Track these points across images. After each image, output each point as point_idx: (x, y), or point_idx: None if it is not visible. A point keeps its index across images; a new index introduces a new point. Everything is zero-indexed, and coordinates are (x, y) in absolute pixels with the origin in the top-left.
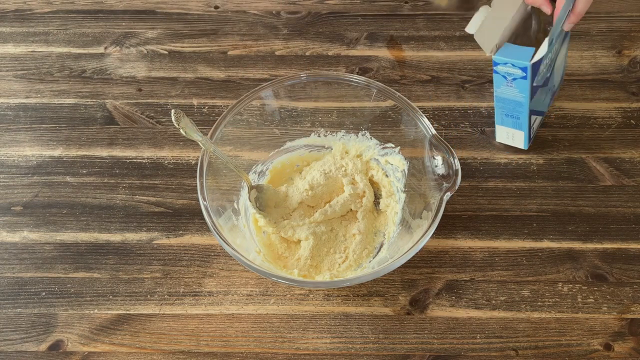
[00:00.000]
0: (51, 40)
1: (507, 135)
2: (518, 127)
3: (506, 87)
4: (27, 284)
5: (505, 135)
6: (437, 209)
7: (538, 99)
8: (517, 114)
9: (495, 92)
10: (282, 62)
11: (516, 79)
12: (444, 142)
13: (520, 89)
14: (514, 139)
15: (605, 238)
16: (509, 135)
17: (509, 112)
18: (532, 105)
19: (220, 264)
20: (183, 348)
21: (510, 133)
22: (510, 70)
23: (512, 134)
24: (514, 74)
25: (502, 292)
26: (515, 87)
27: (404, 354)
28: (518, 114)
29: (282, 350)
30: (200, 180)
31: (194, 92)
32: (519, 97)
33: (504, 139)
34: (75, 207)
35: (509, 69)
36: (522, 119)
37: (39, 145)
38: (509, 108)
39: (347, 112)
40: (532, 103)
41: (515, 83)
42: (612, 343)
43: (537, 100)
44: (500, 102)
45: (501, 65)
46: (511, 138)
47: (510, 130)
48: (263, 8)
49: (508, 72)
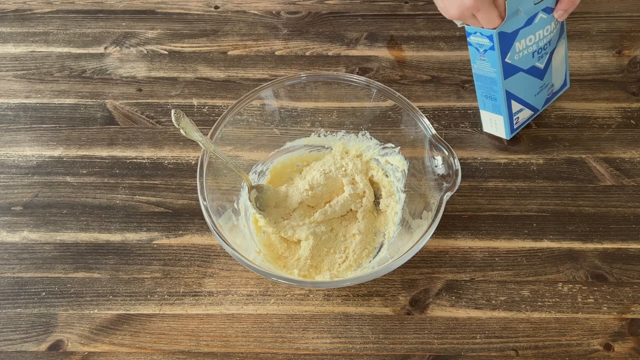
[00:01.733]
0: (51, 40)
1: (491, 122)
2: (497, 111)
3: (480, 62)
4: (27, 284)
5: (489, 122)
6: (437, 209)
7: (521, 85)
8: (493, 93)
9: (473, 70)
10: (282, 62)
11: (487, 50)
12: (444, 142)
13: (491, 62)
14: (497, 127)
15: (605, 238)
16: (492, 122)
17: (487, 93)
18: (512, 89)
19: (220, 264)
20: (183, 348)
21: (493, 120)
22: (480, 41)
23: (495, 121)
24: (484, 44)
25: (502, 292)
26: (487, 60)
27: (404, 354)
28: (494, 94)
29: (282, 350)
30: (200, 180)
31: (194, 92)
32: (491, 72)
33: (489, 127)
34: (75, 207)
35: (479, 39)
36: (498, 100)
37: (39, 145)
38: (486, 87)
39: (347, 112)
40: (510, 85)
41: (487, 55)
42: (612, 343)
43: (521, 87)
44: (479, 81)
45: (472, 35)
46: (494, 126)
47: (492, 116)
48: (263, 8)
49: (479, 43)
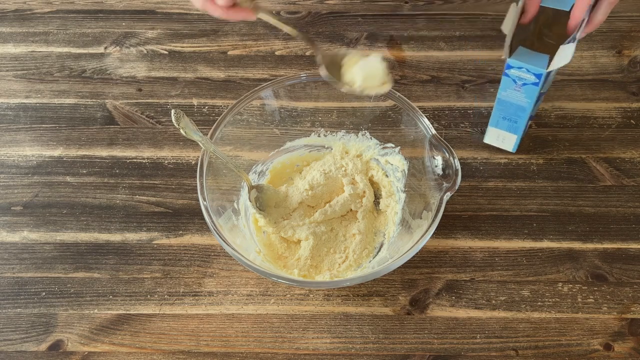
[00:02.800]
0: (51, 40)
1: (498, 137)
2: (513, 130)
3: (513, 91)
4: (27, 284)
5: (495, 137)
6: (437, 209)
7: (537, 104)
8: (516, 117)
9: (499, 95)
10: (282, 62)
11: (526, 84)
12: (444, 142)
13: (527, 94)
14: (504, 142)
15: (605, 238)
16: (500, 138)
17: (508, 116)
18: (532, 111)
19: (220, 264)
20: (183, 348)
21: (502, 136)
22: (523, 75)
23: (504, 137)
24: (526, 79)
25: (502, 292)
26: (522, 92)
27: (404, 354)
28: (517, 118)
29: (282, 350)
30: (200, 180)
31: (194, 92)
32: (523, 102)
33: (494, 140)
34: (75, 207)
35: (522, 74)
36: (519, 123)
37: (39, 145)
38: (509, 111)
39: (347, 112)
40: (533, 109)
41: (525, 88)
42: (612, 343)
43: (537, 106)
44: (501, 105)
45: (515, 69)
46: (501, 141)
47: (502, 133)
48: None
49: (520, 77)
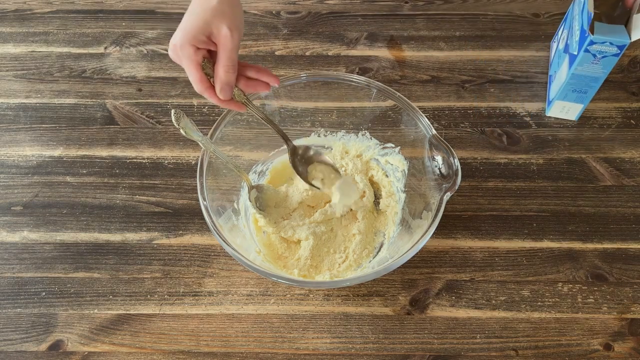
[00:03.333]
0: (51, 40)
1: (563, 109)
2: (580, 101)
3: (590, 65)
4: (27, 284)
5: (560, 109)
6: (437, 209)
7: None
8: (587, 88)
9: (573, 70)
10: (282, 62)
11: (606, 56)
12: (444, 142)
13: (605, 65)
14: (569, 112)
15: (605, 238)
16: (564, 109)
17: (579, 88)
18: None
19: (220, 264)
20: (183, 348)
21: (567, 107)
22: (605, 49)
23: (569, 108)
24: (607, 52)
25: (502, 292)
26: (600, 64)
27: (404, 354)
28: (588, 89)
29: (282, 350)
30: (200, 180)
31: (194, 92)
32: (599, 73)
33: (557, 112)
34: (75, 207)
35: (605, 48)
36: (589, 93)
37: (39, 145)
38: (582, 84)
39: (347, 112)
40: None
41: (603, 60)
42: (612, 343)
43: None
44: (574, 79)
45: (598, 44)
46: (566, 112)
47: (568, 104)
48: (263, 8)
49: (601, 51)
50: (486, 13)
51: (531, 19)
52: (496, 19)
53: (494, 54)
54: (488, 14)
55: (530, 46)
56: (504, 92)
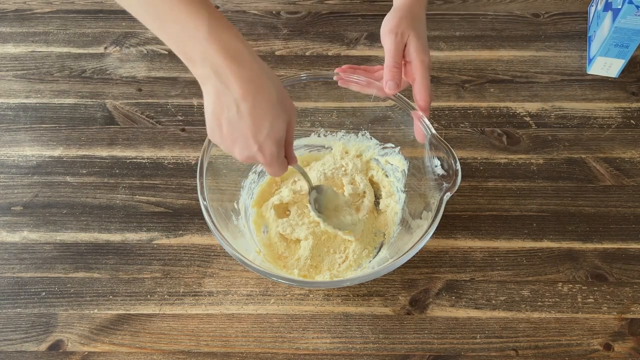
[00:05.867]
0: (51, 40)
1: (604, 65)
2: (622, 56)
3: (633, 17)
4: (27, 284)
5: (601, 66)
6: (437, 209)
7: None
8: (629, 42)
9: (616, 24)
10: (282, 62)
11: None
12: (444, 142)
13: None
14: (610, 69)
15: (605, 238)
16: (606, 66)
17: (621, 42)
18: None
19: (220, 264)
20: (183, 348)
21: (609, 63)
22: None
23: (610, 64)
24: None
25: (502, 292)
26: None
27: (404, 354)
28: (629, 43)
29: (282, 350)
30: (200, 180)
31: (194, 92)
32: None
33: (598, 70)
34: (75, 207)
35: None
36: (631, 47)
37: (39, 145)
38: (624, 38)
39: (347, 112)
40: None
41: None
42: (612, 343)
43: None
44: (617, 33)
45: None
46: (607, 68)
47: (610, 60)
48: (263, 8)
49: None
50: (486, 13)
51: (531, 19)
52: (496, 19)
53: (494, 54)
54: (488, 14)
55: (530, 46)
56: (504, 92)
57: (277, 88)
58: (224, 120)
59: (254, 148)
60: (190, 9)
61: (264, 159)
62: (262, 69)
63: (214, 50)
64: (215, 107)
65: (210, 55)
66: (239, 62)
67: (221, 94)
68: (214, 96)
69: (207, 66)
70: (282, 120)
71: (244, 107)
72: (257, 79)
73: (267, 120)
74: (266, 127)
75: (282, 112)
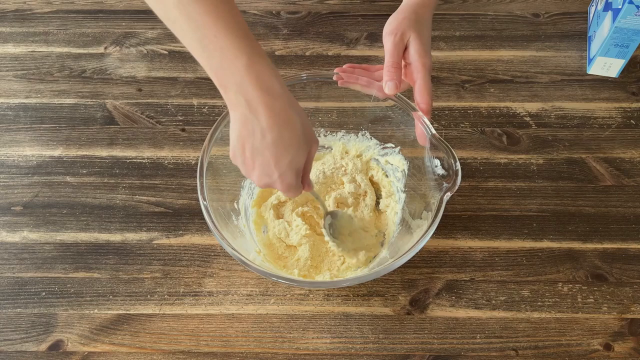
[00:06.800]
0: (51, 40)
1: (604, 65)
2: (621, 56)
3: (633, 17)
4: (27, 284)
5: (601, 66)
6: (437, 209)
7: None
8: (629, 42)
9: (616, 23)
10: (282, 62)
11: None
12: (444, 142)
13: None
14: (610, 69)
15: (605, 238)
16: (606, 66)
17: (621, 42)
18: None
19: (220, 264)
20: (183, 348)
21: (609, 63)
22: None
23: (610, 64)
24: None
25: (502, 292)
26: None
27: (404, 354)
28: (629, 43)
29: (282, 350)
30: (200, 180)
31: (194, 92)
32: None
33: (598, 70)
34: (75, 207)
35: None
36: (631, 47)
37: (39, 145)
38: (624, 38)
39: (347, 112)
40: None
41: None
42: (612, 343)
43: None
44: (618, 33)
45: None
46: (607, 69)
47: (610, 60)
48: (263, 8)
49: None
50: (486, 13)
51: (531, 19)
52: (496, 19)
53: (494, 54)
54: (488, 14)
55: (530, 46)
56: (504, 92)
57: (302, 121)
58: (248, 145)
59: (274, 176)
60: (233, 39)
61: (281, 187)
62: (290, 102)
63: (249, 81)
64: (242, 132)
65: (245, 86)
66: (270, 95)
67: (249, 121)
68: (241, 122)
69: (241, 95)
70: (303, 151)
71: (269, 136)
72: (284, 111)
73: (289, 152)
74: (288, 158)
75: (305, 143)
